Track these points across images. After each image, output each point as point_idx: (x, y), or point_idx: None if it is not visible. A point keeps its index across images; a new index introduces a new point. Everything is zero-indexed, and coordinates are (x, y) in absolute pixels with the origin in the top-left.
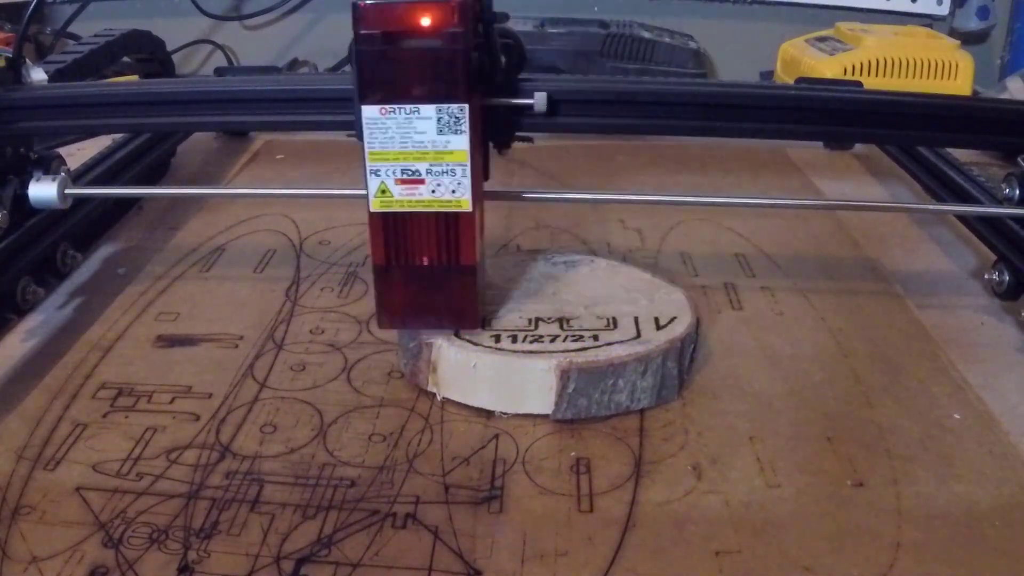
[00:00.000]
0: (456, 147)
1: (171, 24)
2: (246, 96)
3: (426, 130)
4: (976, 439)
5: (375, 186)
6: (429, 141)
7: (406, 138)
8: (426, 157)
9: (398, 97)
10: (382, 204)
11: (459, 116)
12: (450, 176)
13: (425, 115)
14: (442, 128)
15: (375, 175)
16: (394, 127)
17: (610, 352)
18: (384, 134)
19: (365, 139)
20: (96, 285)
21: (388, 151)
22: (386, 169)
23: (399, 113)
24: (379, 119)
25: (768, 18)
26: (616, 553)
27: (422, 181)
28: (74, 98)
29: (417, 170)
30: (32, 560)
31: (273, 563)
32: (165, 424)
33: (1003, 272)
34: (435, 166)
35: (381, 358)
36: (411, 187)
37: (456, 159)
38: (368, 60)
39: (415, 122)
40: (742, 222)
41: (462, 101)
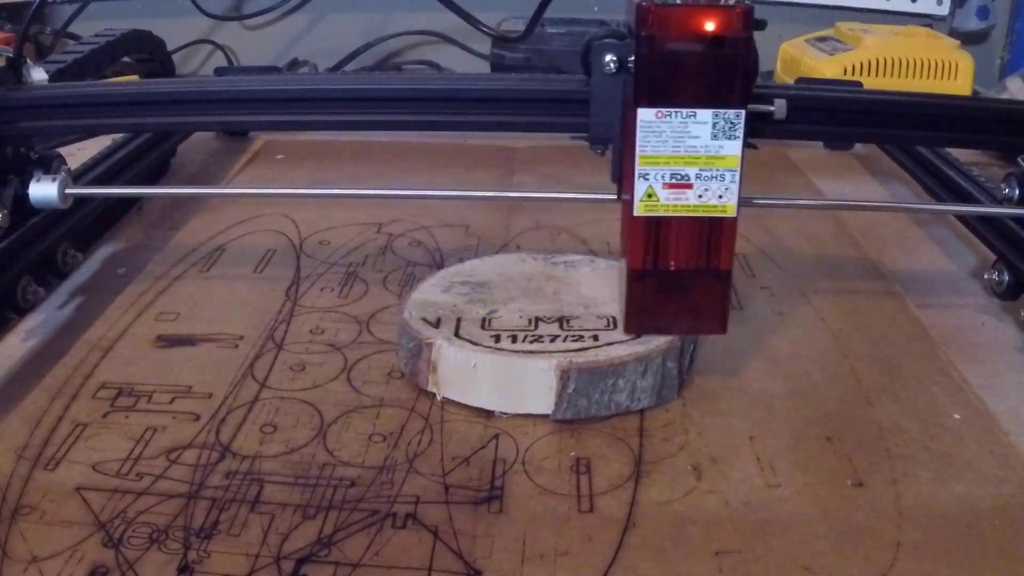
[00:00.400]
0: (729, 152)
1: (171, 24)
2: (247, 96)
3: (700, 135)
4: (976, 439)
5: (642, 190)
6: (702, 146)
7: (679, 142)
8: (697, 162)
9: (675, 101)
10: (647, 208)
11: (735, 122)
12: (719, 181)
13: (701, 120)
14: (716, 133)
15: (643, 179)
16: (668, 131)
17: (610, 352)
18: (658, 138)
19: (638, 142)
20: (96, 285)
21: (660, 155)
22: (656, 173)
23: (675, 117)
24: (654, 122)
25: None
26: (616, 553)
27: (690, 186)
28: (75, 98)
29: (687, 175)
30: (32, 560)
31: (273, 563)
32: (165, 424)
33: (1002, 272)
34: (705, 171)
35: (381, 358)
36: (679, 192)
37: (727, 164)
38: (648, 62)
39: (690, 126)
40: (742, 222)
41: (738, 107)
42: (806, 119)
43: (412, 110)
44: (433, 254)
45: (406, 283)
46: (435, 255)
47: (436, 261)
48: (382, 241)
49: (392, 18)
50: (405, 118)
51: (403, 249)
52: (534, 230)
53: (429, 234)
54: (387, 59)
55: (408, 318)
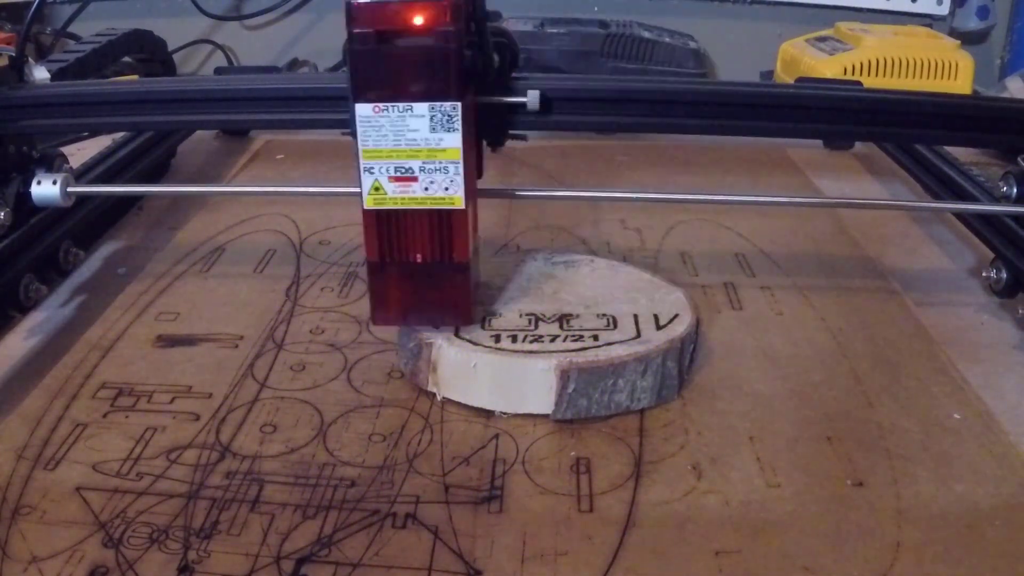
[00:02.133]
0: (449, 145)
1: (171, 24)
2: (247, 95)
3: (419, 128)
4: (976, 439)
5: (369, 184)
6: (422, 139)
7: (399, 136)
8: (419, 155)
9: (391, 95)
10: (376, 201)
11: (452, 114)
12: (443, 174)
13: (418, 113)
14: (435, 126)
15: (369, 173)
16: (387, 125)
17: (610, 352)
18: (377, 132)
19: (359, 137)
20: (96, 285)
21: (381, 149)
22: (380, 167)
23: (392, 111)
24: (373, 117)
25: (768, 18)
26: (616, 553)
27: (415, 179)
28: (76, 97)
29: (410, 168)
30: (32, 560)
31: (273, 563)
32: (165, 424)
33: (1001, 270)
34: (428, 164)
35: (381, 358)
36: (404, 184)
37: (449, 157)
38: (361, 59)
39: (408, 120)
40: (742, 222)
41: (455, 99)
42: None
43: None
44: None
45: None
46: None
47: None
48: None
49: None
50: None
51: None
52: (534, 230)
53: None
54: None
55: None
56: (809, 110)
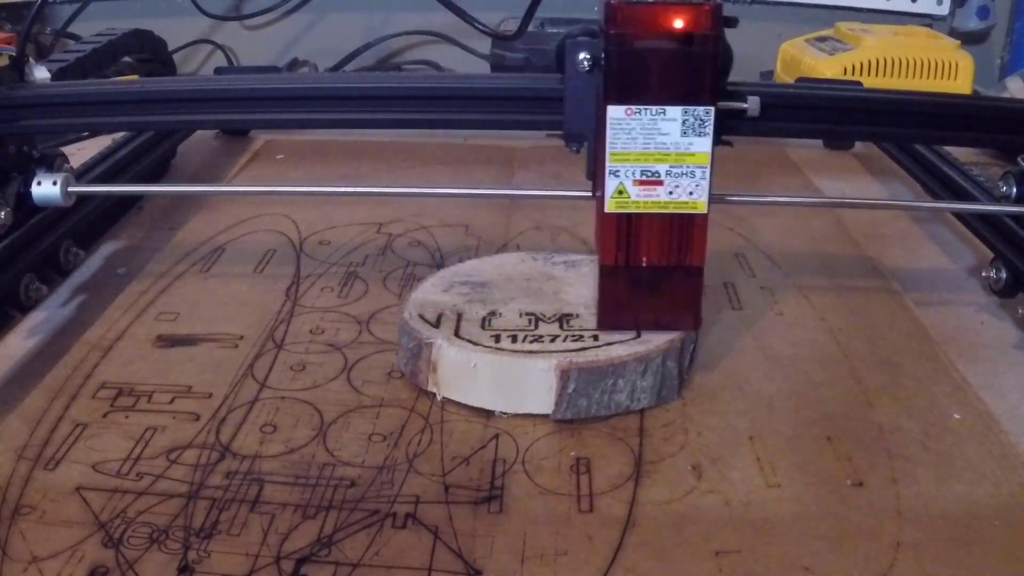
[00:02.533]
0: (698, 149)
1: (171, 24)
2: (247, 94)
3: (670, 132)
4: (976, 439)
5: (613, 187)
6: (672, 143)
7: (649, 139)
8: (667, 159)
9: (645, 98)
10: (618, 205)
11: (704, 118)
12: (689, 178)
13: (671, 117)
14: (686, 130)
15: (614, 176)
16: (638, 128)
17: (610, 352)
18: (627, 135)
19: (608, 139)
20: (96, 285)
21: (630, 152)
22: (626, 170)
23: (645, 114)
24: (624, 119)
25: (768, 18)
26: (616, 553)
27: (661, 182)
28: (77, 96)
29: (657, 171)
30: (32, 560)
31: (273, 563)
32: (165, 424)
33: (1000, 269)
34: (675, 168)
35: (381, 358)
36: (649, 188)
37: (697, 161)
38: (617, 60)
39: (660, 123)
40: (742, 222)
41: (708, 104)
42: (782, 116)
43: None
44: (433, 254)
45: (406, 283)
46: (435, 255)
47: (436, 261)
48: (382, 241)
49: (392, 18)
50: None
51: (403, 249)
52: (534, 230)
53: (429, 234)
54: (387, 59)
55: (408, 318)
56: (809, 109)
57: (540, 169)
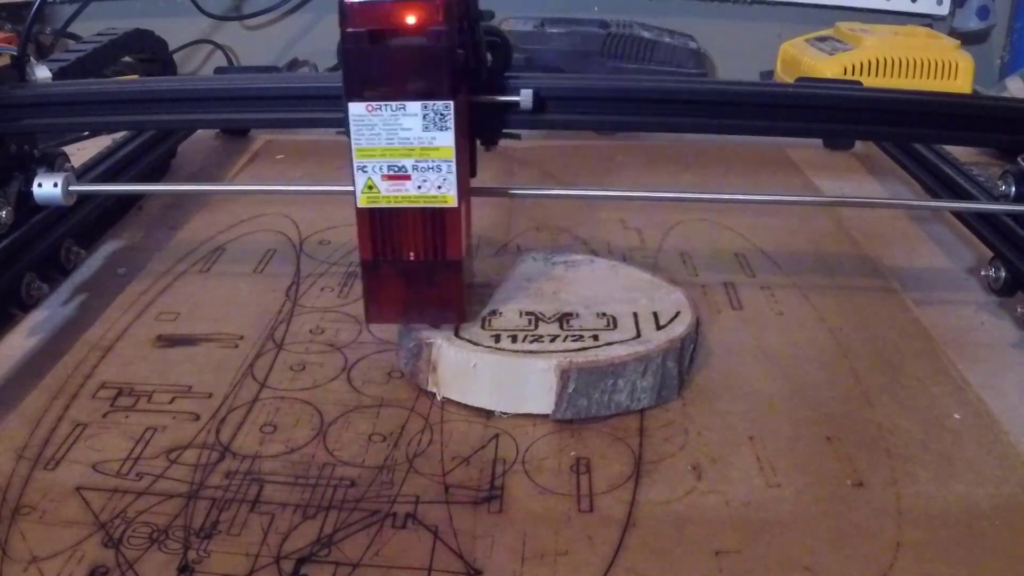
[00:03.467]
0: (441, 143)
1: (171, 24)
2: (248, 94)
3: (412, 127)
4: (976, 439)
5: (362, 182)
6: (415, 137)
7: (392, 135)
8: (412, 153)
9: (384, 94)
10: (369, 200)
11: (444, 113)
12: (436, 172)
13: (411, 112)
14: (427, 125)
15: (362, 171)
16: (380, 124)
17: (610, 352)
18: (371, 131)
19: (352, 136)
20: (97, 284)
21: (375, 147)
22: (373, 165)
23: (385, 110)
24: (366, 116)
25: (768, 18)
26: (616, 553)
27: (408, 177)
28: (78, 96)
29: (403, 166)
30: (32, 560)
31: (273, 563)
32: (165, 424)
33: (999, 269)
34: (421, 162)
35: (381, 358)
36: (397, 183)
37: (442, 155)
38: (354, 58)
39: (401, 119)
40: (742, 222)
41: (447, 98)
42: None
43: None
44: None
45: None
46: None
47: None
48: None
49: None
50: None
51: None
52: (534, 230)
53: None
54: None
55: None
56: (808, 108)
57: (541, 169)
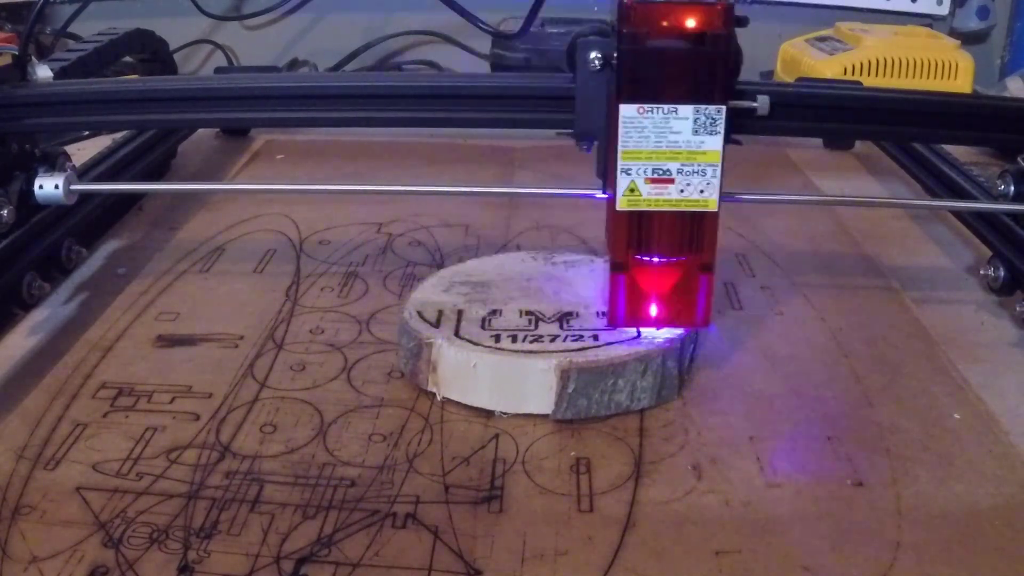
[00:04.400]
0: (710, 148)
1: (171, 24)
2: (249, 93)
3: (682, 130)
4: (976, 439)
5: (625, 185)
6: (684, 141)
7: (661, 138)
8: (679, 157)
9: (657, 97)
10: (630, 203)
11: (716, 117)
12: (700, 176)
13: (682, 115)
14: (698, 129)
15: (626, 174)
16: (651, 126)
17: (610, 352)
18: (640, 133)
19: (620, 138)
20: (97, 284)
21: (641, 150)
22: (638, 168)
23: (657, 113)
24: (636, 118)
25: (768, 18)
26: (616, 553)
27: (672, 181)
28: (79, 95)
29: (668, 170)
30: (32, 560)
31: (273, 563)
32: (165, 424)
33: (998, 268)
34: (687, 166)
35: (381, 358)
36: (660, 186)
37: (709, 160)
38: (631, 59)
39: (672, 122)
40: (742, 222)
41: (719, 103)
42: (790, 116)
43: (405, 107)
44: (433, 254)
45: (406, 283)
46: (435, 255)
47: (436, 261)
48: (382, 241)
49: (392, 18)
50: (400, 115)
51: (403, 249)
52: (534, 230)
53: (429, 234)
54: (387, 59)
55: (408, 318)
56: (808, 108)
57: (540, 169)
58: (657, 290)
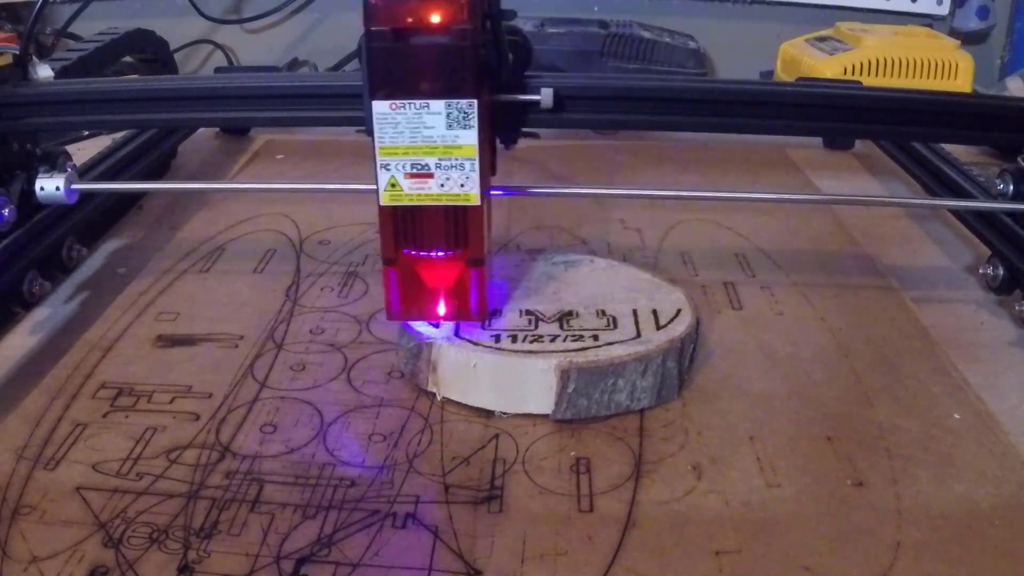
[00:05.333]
0: (465, 142)
1: (171, 24)
2: (250, 92)
3: (435, 125)
4: (976, 439)
5: (385, 180)
6: (438, 136)
7: (416, 133)
8: (435, 152)
9: (408, 92)
10: (392, 198)
11: (468, 111)
12: (459, 170)
13: (435, 110)
14: (451, 123)
15: (385, 169)
16: (404, 122)
17: (610, 352)
18: (394, 129)
19: (376, 134)
20: (97, 284)
21: (398, 146)
22: (396, 163)
23: (409, 108)
24: (389, 114)
25: (768, 18)
26: (616, 553)
27: (431, 175)
28: (80, 94)
29: (426, 164)
30: (32, 560)
31: (273, 563)
32: (165, 424)
33: (997, 266)
34: (444, 160)
35: (381, 358)
36: (420, 181)
37: (465, 154)
38: (378, 56)
39: (425, 117)
40: (742, 221)
41: (471, 96)
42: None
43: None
44: None
45: None
46: None
47: None
48: None
49: None
50: None
51: None
52: (534, 230)
53: None
54: None
55: None
56: (808, 107)
57: (541, 168)
58: (428, 284)
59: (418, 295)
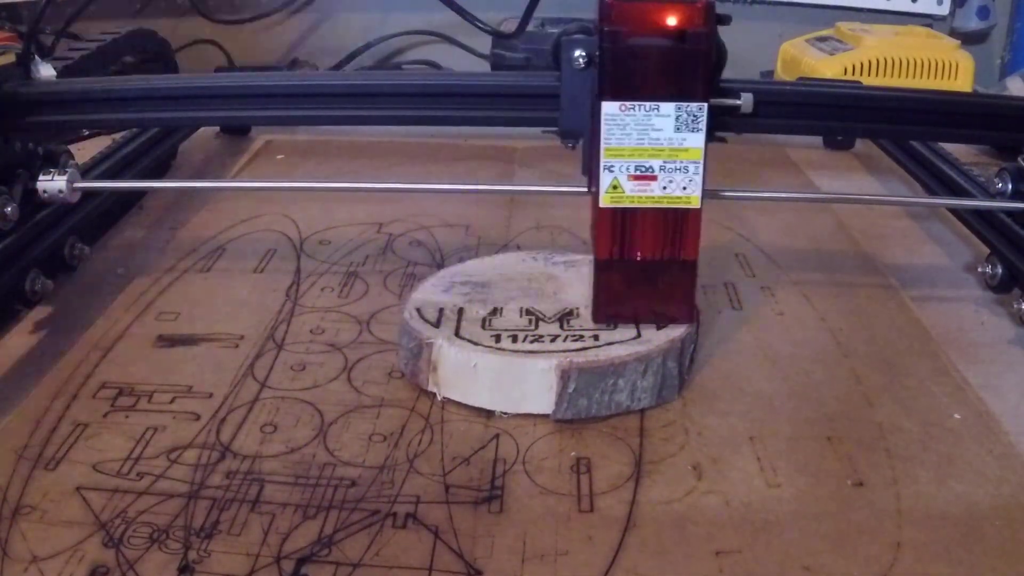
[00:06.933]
0: (692, 145)
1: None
2: (251, 91)
3: (663, 127)
4: (976, 439)
5: (607, 182)
6: (665, 138)
7: (643, 135)
8: (661, 154)
9: (639, 94)
10: (612, 200)
11: (697, 115)
12: (683, 173)
13: (664, 112)
14: (679, 126)
15: (608, 171)
16: (632, 124)
17: (610, 352)
18: (621, 130)
19: (602, 135)
20: (97, 284)
21: (624, 147)
22: (620, 165)
23: (638, 110)
24: (618, 115)
25: (768, 18)
26: (616, 553)
27: (655, 177)
28: (82, 94)
29: (651, 167)
30: (32, 560)
31: (273, 563)
32: (165, 424)
33: (996, 265)
34: (669, 163)
35: (381, 358)
36: (643, 183)
37: (691, 156)
38: (612, 57)
39: (654, 119)
40: (742, 222)
41: (701, 100)
42: (775, 113)
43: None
44: (433, 254)
45: (406, 283)
46: (435, 255)
47: (436, 261)
48: (382, 241)
49: (392, 18)
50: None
51: (403, 249)
52: (534, 230)
53: (429, 234)
54: (387, 59)
55: (408, 318)
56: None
57: (540, 168)
58: (642, 286)
59: (631, 297)
